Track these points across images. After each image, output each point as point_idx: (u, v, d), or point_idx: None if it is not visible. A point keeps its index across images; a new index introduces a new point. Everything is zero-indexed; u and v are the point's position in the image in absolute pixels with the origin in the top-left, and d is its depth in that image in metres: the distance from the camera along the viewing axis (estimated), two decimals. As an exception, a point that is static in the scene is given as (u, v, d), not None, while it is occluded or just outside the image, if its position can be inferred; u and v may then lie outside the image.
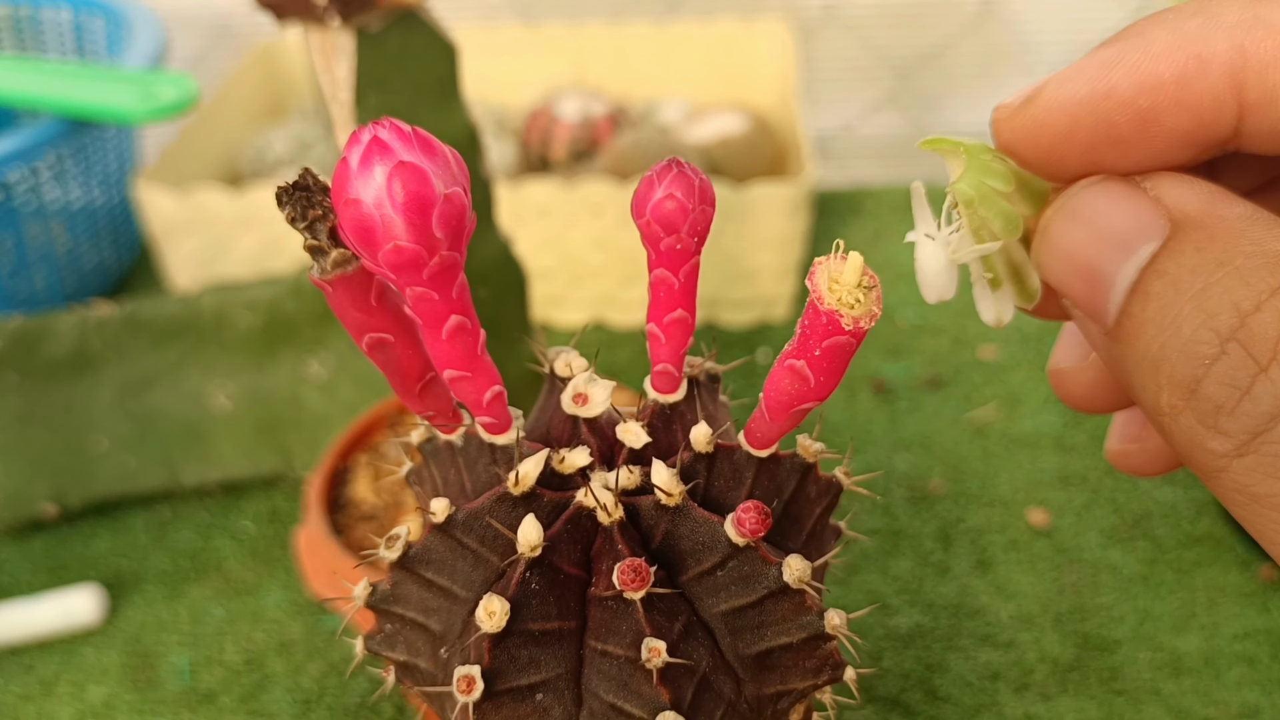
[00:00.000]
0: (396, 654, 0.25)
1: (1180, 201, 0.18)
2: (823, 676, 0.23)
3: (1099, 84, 0.19)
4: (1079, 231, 0.19)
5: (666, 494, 0.22)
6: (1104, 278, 0.18)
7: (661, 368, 0.24)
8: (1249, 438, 0.17)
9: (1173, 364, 0.18)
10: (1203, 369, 0.17)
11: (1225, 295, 0.17)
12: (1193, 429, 0.18)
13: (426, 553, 0.23)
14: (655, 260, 0.23)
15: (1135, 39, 0.19)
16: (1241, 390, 0.17)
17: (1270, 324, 0.17)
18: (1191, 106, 0.18)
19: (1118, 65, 0.18)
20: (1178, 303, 0.18)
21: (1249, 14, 0.18)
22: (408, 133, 0.19)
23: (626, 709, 0.22)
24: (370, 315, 0.21)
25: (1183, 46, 0.18)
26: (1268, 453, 0.17)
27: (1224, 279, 0.17)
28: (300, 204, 0.20)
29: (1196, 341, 0.17)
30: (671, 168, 0.22)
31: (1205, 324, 0.17)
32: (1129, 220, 0.18)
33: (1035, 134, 0.19)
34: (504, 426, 0.24)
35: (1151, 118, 0.18)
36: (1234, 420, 0.17)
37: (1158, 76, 0.18)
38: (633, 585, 0.21)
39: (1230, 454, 0.18)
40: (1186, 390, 0.18)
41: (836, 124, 1.16)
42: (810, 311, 0.20)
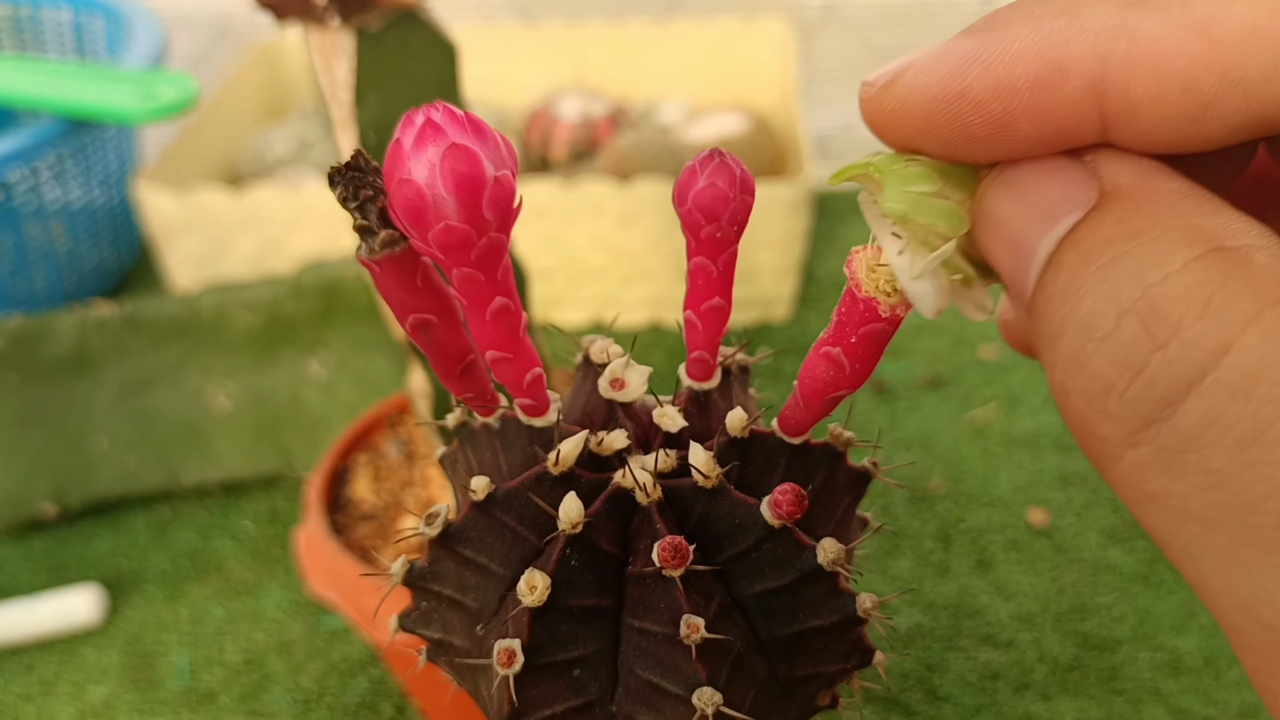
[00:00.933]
0: (431, 631, 0.25)
1: (1113, 173, 0.17)
2: (852, 661, 0.24)
3: (953, 82, 0.17)
4: (1009, 202, 0.18)
5: (704, 475, 0.22)
6: (1027, 248, 0.17)
7: (697, 355, 0.24)
8: (1141, 426, 0.16)
9: (1068, 338, 0.16)
10: (1094, 345, 0.16)
11: (1133, 265, 0.16)
12: (1082, 412, 0.16)
13: (465, 530, 0.23)
14: (694, 248, 0.23)
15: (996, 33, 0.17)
16: (1134, 370, 0.15)
17: (1175, 297, 0.15)
18: (1049, 114, 0.17)
19: (974, 63, 0.17)
20: (1084, 273, 0.16)
21: (1115, 21, 0.16)
22: (460, 116, 0.19)
23: (663, 685, 0.22)
24: (415, 296, 0.21)
25: (1042, 51, 0.17)
26: (1162, 445, 0.15)
27: (1136, 249, 0.16)
28: (352, 184, 0.20)
29: (1093, 314, 0.16)
30: (714, 158, 0.22)
31: (1105, 295, 0.16)
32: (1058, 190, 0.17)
33: (892, 122, 0.19)
34: (543, 409, 0.24)
35: (1006, 122, 0.17)
36: (1125, 404, 0.16)
37: (1013, 82, 0.17)
38: (673, 563, 0.21)
39: (1122, 443, 0.16)
40: (1077, 367, 0.16)
41: (836, 124, 1.16)
42: (847, 299, 0.20)
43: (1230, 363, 0.15)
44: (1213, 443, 0.15)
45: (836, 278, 0.91)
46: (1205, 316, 0.15)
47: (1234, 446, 0.15)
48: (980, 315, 0.20)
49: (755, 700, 0.23)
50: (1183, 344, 0.15)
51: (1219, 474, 0.15)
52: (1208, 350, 0.15)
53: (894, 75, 0.18)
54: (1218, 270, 0.15)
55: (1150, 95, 0.16)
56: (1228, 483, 0.15)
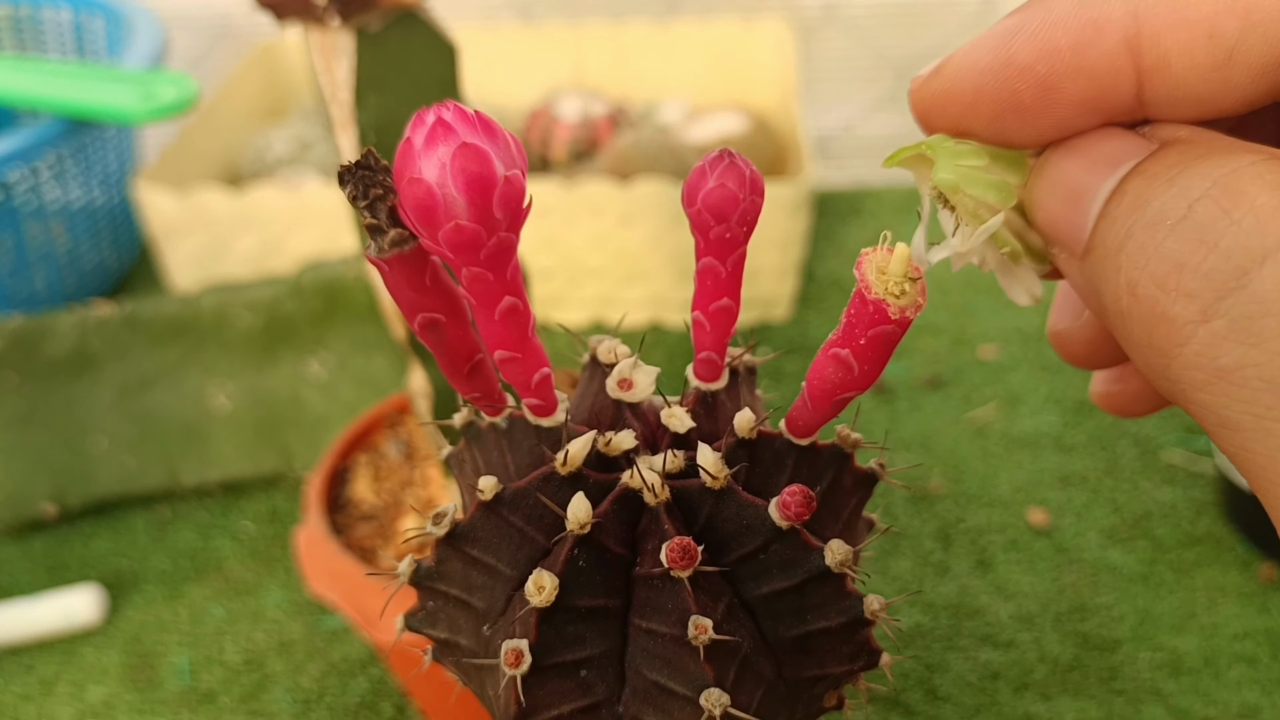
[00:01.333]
0: (438, 631, 0.25)
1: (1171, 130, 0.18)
2: (859, 662, 0.24)
3: (1000, 52, 0.18)
4: (1073, 160, 0.19)
5: (712, 476, 0.22)
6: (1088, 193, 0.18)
7: (705, 355, 0.24)
8: (1216, 298, 0.16)
9: (1136, 237, 0.17)
10: (1164, 231, 0.16)
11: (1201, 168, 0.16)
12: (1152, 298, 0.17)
13: (473, 530, 0.23)
14: (703, 249, 0.23)
15: (1037, 6, 0.18)
16: (1209, 245, 0.16)
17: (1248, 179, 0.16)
18: (1089, 72, 0.18)
19: (1019, 33, 0.18)
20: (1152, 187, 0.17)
21: None
22: (471, 115, 0.20)
23: (670, 686, 0.22)
24: (424, 295, 0.21)
25: (1080, 12, 0.18)
26: (1240, 314, 0.15)
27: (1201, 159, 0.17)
28: (362, 182, 0.20)
29: (1164, 209, 0.17)
30: (723, 158, 0.22)
31: (1176, 193, 0.16)
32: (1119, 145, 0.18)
33: (943, 103, 0.19)
34: (551, 409, 0.24)
35: (1051, 84, 0.18)
36: (1200, 278, 0.16)
37: (1055, 43, 0.18)
38: (681, 564, 0.21)
39: (1195, 319, 0.16)
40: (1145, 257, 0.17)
41: (836, 124, 1.16)
42: (856, 301, 0.20)
43: None
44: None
45: (836, 278, 0.91)
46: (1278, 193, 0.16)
47: None
48: (1027, 300, 0.20)
49: (762, 701, 0.23)
50: (1258, 216, 0.16)
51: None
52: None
53: (943, 63, 0.19)
54: None
55: (1179, 44, 0.17)
56: None
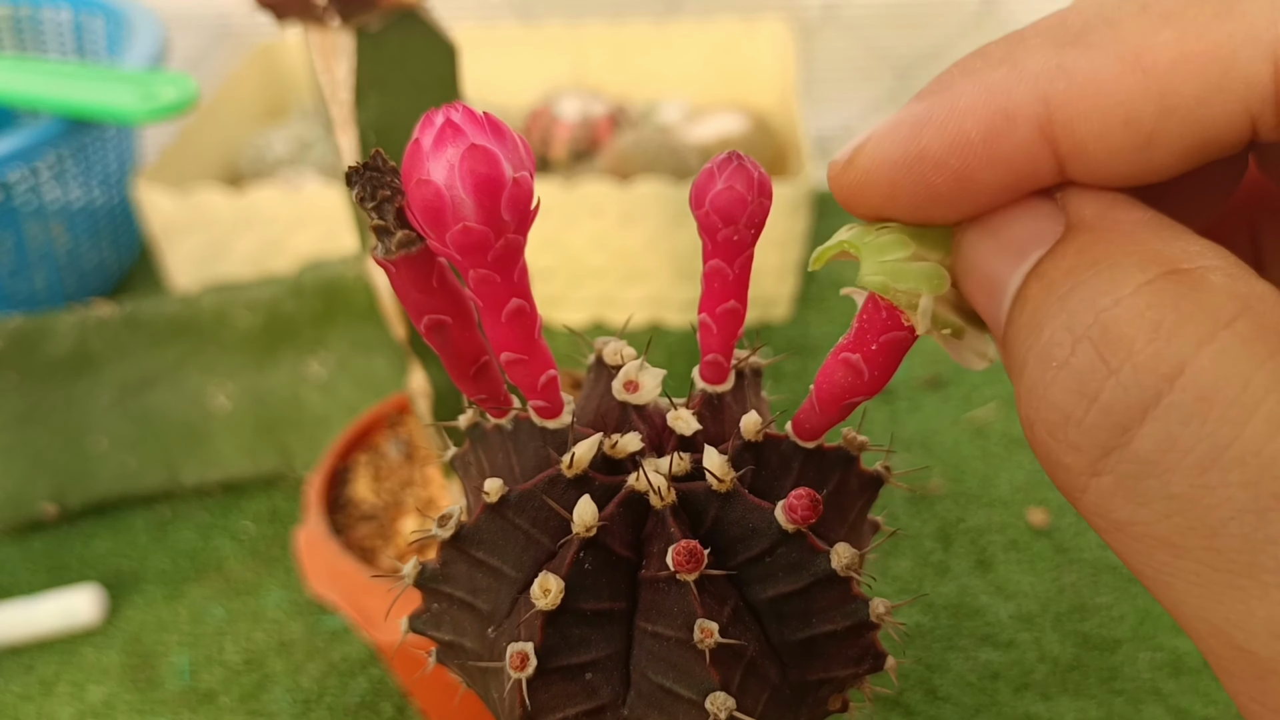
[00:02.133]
0: (442, 633, 0.25)
1: (1078, 206, 0.17)
2: (864, 665, 0.24)
3: (911, 145, 0.18)
4: (984, 243, 0.18)
5: (718, 479, 0.22)
6: (999, 285, 0.18)
7: (712, 358, 0.24)
8: (1101, 454, 0.15)
9: (1029, 369, 0.16)
10: (1051, 374, 0.16)
11: (1089, 292, 0.16)
12: (1045, 443, 0.16)
13: (478, 532, 0.23)
14: (711, 251, 0.23)
15: (944, 94, 0.18)
16: (1090, 398, 0.15)
17: (1127, 321, 0.15)
18: (1004, 162, 0.17)
19: (927, 124, 0.18)
20: (1046, 303, 0.16)
21: (1052, 63, 0.17)
22: (479, 117, 0.19)
23: (676, 689, 0.22)
24: (431, 297, 0.21)
25: (988, 102, 0.17)
26: (1124, 473, 0.15)
27: (1092, 277, 0.16)
28: (370, 183, 0.20)
29: (1051, 344, 0.16)
30: (732, 160, 0.22)
31: (1063, 324, 0.16)
32: (1027, 227, 0.18)
33: (861, 194, 0.19)
34: (556, 411, 0.24)
35: (966, 176, 0.18)
36: (1084, 433, 0.15)
37: (965, 135, 0.17)
38: (687, 567, 0.21)
39: (1085, 472, 0.16)
40: (1036, 398, 0.16)
41: (836, 124, 1.16)
42: (869, 306, 0.20)
43: (1184, 385, 0.15)
44: (1171, 467, 0.15)
45: (836, 278, 0.91)
46: (1157, 339, 0.15)
47: (1193, 470, 0.15)
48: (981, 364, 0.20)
49: (767, 705, 0.23)
50: (1135, 368, 0.15)
51: (1180, 499, 0.15)
52: (1161, 374, 0.15)
53: (855, 150, 0.19)
54: (1170, 292, 0.15)
55: (1095, 131, 0.16)
56: (1189, 507, 0.15)
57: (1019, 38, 0.17)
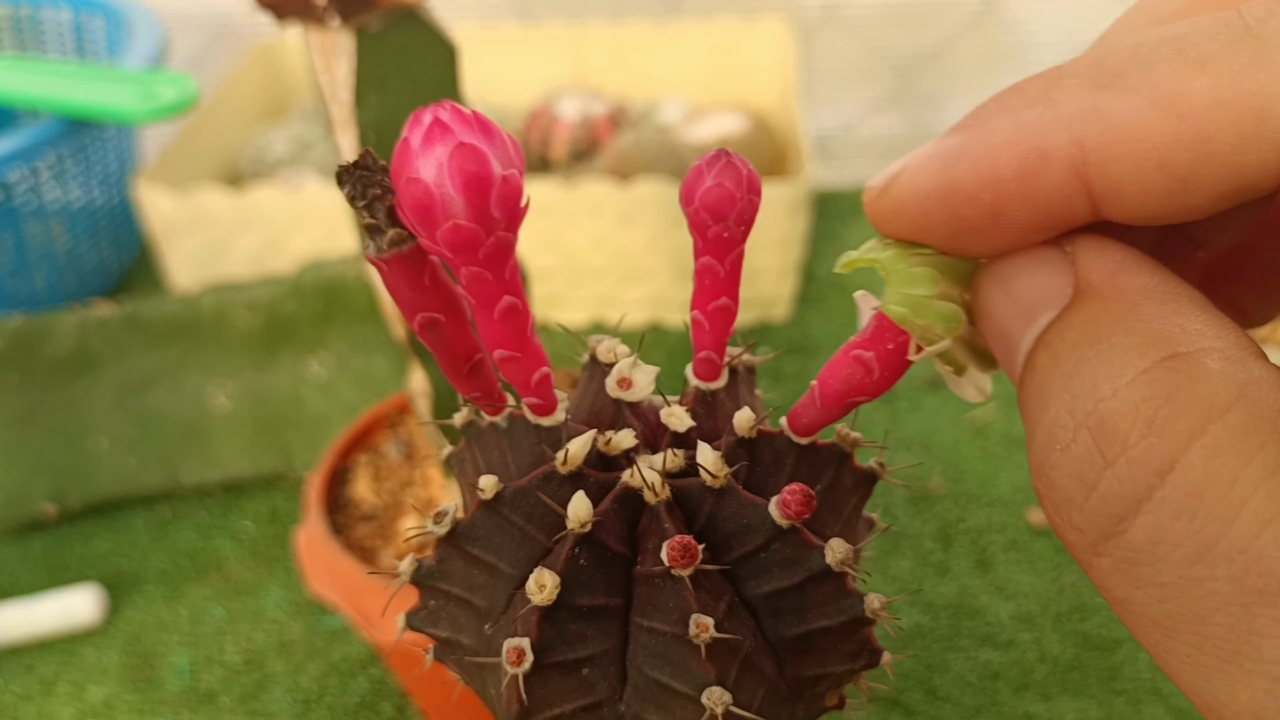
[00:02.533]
0: (439, 630, 0.25)
1: (1087, 268, 0.17)
2: (860, 661, 0.24)
3: (944, 179, 0.18)
4: (997, 295, 0.18)
5: (712, 475, 0.22)
6: (1013, 343, 0.18)
7: (704, 355, 0.24)
8: (1100, 538, 0.16)
9: (1037, 444, 0.17)
10: (1056, 456, 0.16)
11: (1090, 375, 0.16)
12: (1053, 519, 0.17)
13: (473, 529, 0.23)
14: (701, 248, 0.23)
15: (978, 129, 0.18)
16: (1089, 486, 0.16)
17: (1122, 414, 0.16)
18: (1037, 200, 0.17)
19: (961, 159, 0.18)
20: (1052, 378, 0.17)
21: (1087, 105, 0.17)
22: (468, 115, 0.20)
23: (672, 685, 0.22)
24: (423, 295, 0.22)
25: (1022, 139, 0.17)
26: (1120, 558, 0.16)
27: (1094, 358, 0.16)
28: (360, 182, 0.20)
29: (1055, 425, 0.16)
30: (720, 158, 0.22)
31: (1066, 405, 0.16)
32: (1037, 285, 0.18)
33: (895, 221, 0.19)
34: (550, 408, 0.24)
35: (998, 211, 0.18)
36: (1084, 518, 0.16)
37: (999, 172, 0.17)
38: (682, 562, 0.21)
39: (1086, 551, 0.16)
40: (1044, 476, 0.17)
41: (836, 124, 1.16)
42: None
43: (1174, 480, 0.15)
44: (1163, 558, 0.15)
45: (836, 278, 0.91)
46: (1150, 434, 0.15)
47: (1183, 562, 0.15)
48: (978, 398, 0.21)
49: (764, 700, 0.23)
50: (1130, 462, 0.15)
51: (1171, 587, 0.15)
52: (1153, 469, 0.15)
53: (890, 179, 0.19)
54: (1165, 383, 0.16)
55: (1129, 174, 0.16)
56: (1179, 595, 0.15)
57: (1056, 76, 0.17)
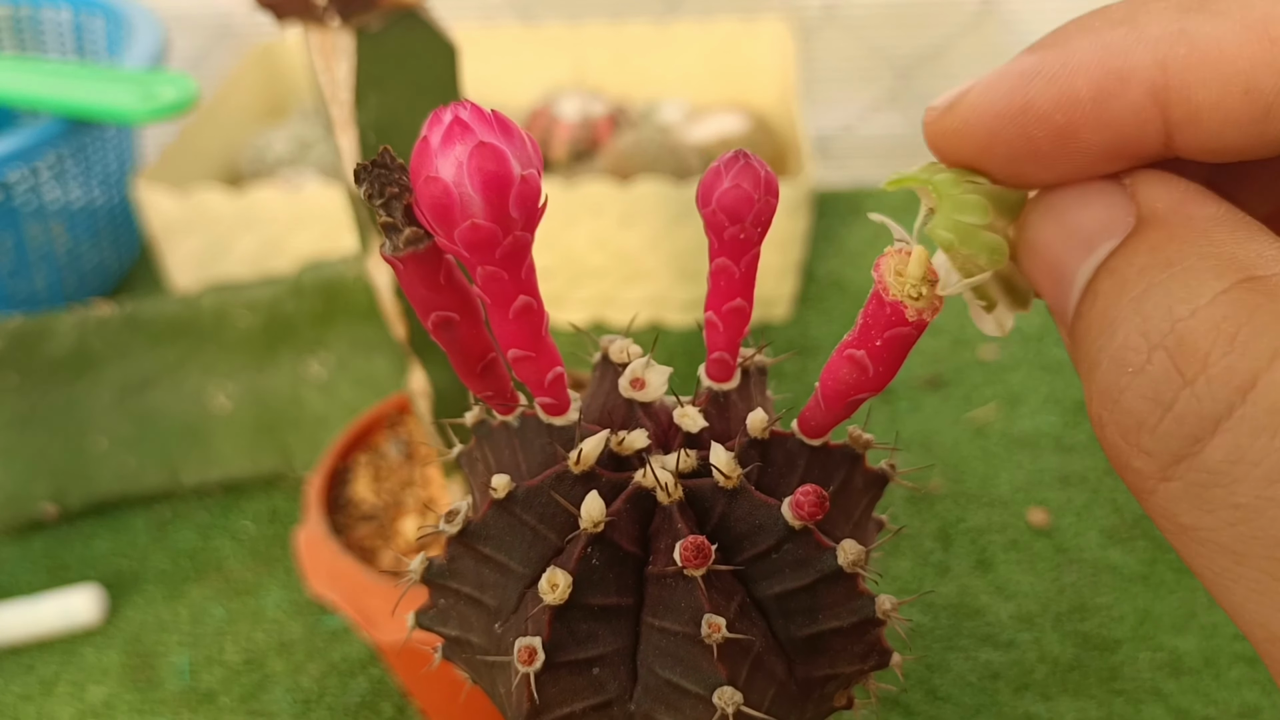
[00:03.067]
0: (449, 629, 0.25)
1: (1150, 198, 0.17)
2: (870, 662, 0.24)
3: (1016, 97, 0.18)
4: (1050, 228, 0.18)
5: (725, 476, 0.22)
6: (1067, 274, 0.17)
7: (718, 356, 0.25)
8: (1172, 461, 0.16)
9: (1103, 370, 0.16)
10: (1126, 379, 0.16)
11: (1164, 297, 0.16)
12: (1117, 445, 0.17)
13: (485, 528, 0.23)
14: (717, 249, 0.23)
15: (1057, 48, 0.17)
16: (1164, 406, 0.16)
17: (1202, 333, 0.15)
18: (1111, 124, 0.17)
19: (1036, 77, 0.17)
20: (1119, 304, 0.16)
21: (1174, 27, 0.16)
22: (487, 114, 0.20)
23: (683, 685, 0.22)
24: (438, 294, 0.21)
25: (1103, 60, 0.17)
26: (1193, 480, 0.15)
27: (1167, 280, 0.16)
28: (378, 181, 0.20)
29: (1126, 348, 0.16)
30: (739, 159, 0.22)
31: (1138, 328, 0.16)
32: (1096, 216, 0.17)
33: (956, 142, 0.19)
34: (563, 408, 0.24)
35: (1070, 134, 0.17)
36: (1156, 440, 0.16)
37: (1075, 92, 0.17)
38: (694, 563, 0.21)
39: (1155, 477, 0.16)
40: (1111, 401, 0.16)
41: (836, 124, 1.16)
42: (874, 302, 0.20)
43: (1256, 398, 0.15)
44: (1240, 478, 0.15)
45: (836, 278, 0.91)
46: (1231, 352, 0.15)
47: (1260, 482, 0.15)
48: (999, 332, 0.20)
49: (774, 700, 0.23)
50: (1209, 380, 0.15)
51: (1246, 509, 0.15)
52: (1234, 386, 0.15)
53: (958, 96, 0.18)
54: (1245, 303, 0.15)
55: (1212, 99, 0.16)
56: (1255, 517, 0.15)
57: None
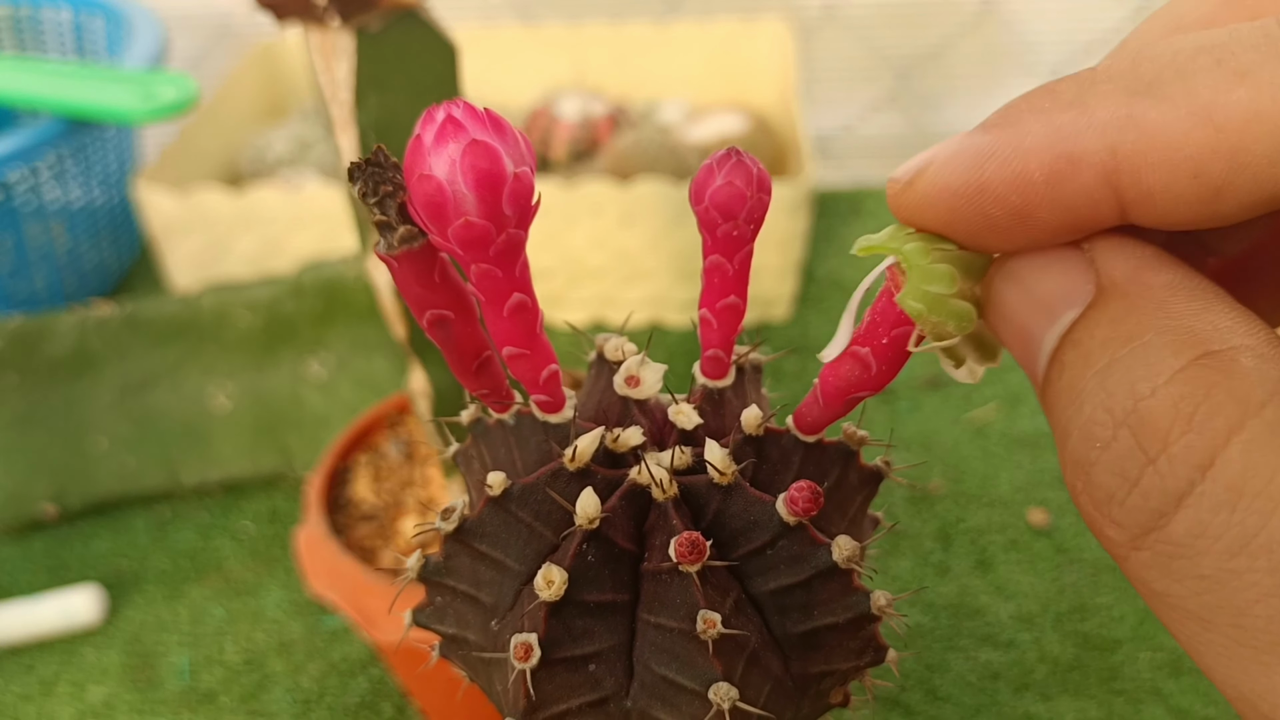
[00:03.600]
0: (446, 627, 0.25)
1: (1109, 266, 0.18)
2: (865, 658, 0.24)
3: (972, 177, 0.18)
4: (1013, 293, 0.19)
5: (720, 472, 0.22)
6: (1033, 341, 0.18)
7: (712, 353, 0.25)
8: (1141, 533, 0.16)
9: (1074, 442, 0.17)
10: (1095, 453, 0.17)
11: (1126, 374, 0.16)
12: (1091, 514, 0.17)
13: (481, 525, 0.23)
14: (710, 246, 0.23)
15: (1009, 128, 0.18)
16: (1131, 482, 0.16)
17: (1162, 412, 0.16)
18: (1064, 204, 0.17)
19: (990, 159, 0.18)
20: (1084, 377, 0.17)
21: (1122, 112, 0.17)
22: (480, 112, 0.20)
23: (679, 680, 0.22)
24: (433, 292, 0.22)
25: (1054, 144, 0.17)
26: (1160, 551, 0.16)
27: (1128, 356, 0.17)
28: (372, 179, 0.20)
29: (1093, 423, 0.17)
30: (731, 156, 0.22)
31: (1102, 404, 0.17)
32: (1057, 284, 0.18)
33: (920, 214, 0.19)
34: (559, 405, 0.24)
35: (1025, 213, 0.18)
36: (1125, 513, 0.17)
37: (1029, 175, 0.17)
38: (689, 558, 0.21)
39: (1126, 545, 0.17)
40: (1083, 472, 0.17)
41: (836, 124, 1.16)
42: (883, 300, 0.21)
43: (1215, 475, 0.15)
44: (1203, 551, 0.16)
45: (837, 277, 0.91)
46: (1190, 430, 0.16)
47: (1222, 555, 0.15)
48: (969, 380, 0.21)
49: (769, 696, 0.23)
50: (1170, 459, 0.16)
51: (1210, 579, 0.16)
52: (1193, 465, 0.16)
53: (916, 173, 0.19)
54: (1202, 381, 0.16)
55: (1162, 182, 0.17)
56: (1218, 588, 0.16)
57: (1090, 80, 0.17)
